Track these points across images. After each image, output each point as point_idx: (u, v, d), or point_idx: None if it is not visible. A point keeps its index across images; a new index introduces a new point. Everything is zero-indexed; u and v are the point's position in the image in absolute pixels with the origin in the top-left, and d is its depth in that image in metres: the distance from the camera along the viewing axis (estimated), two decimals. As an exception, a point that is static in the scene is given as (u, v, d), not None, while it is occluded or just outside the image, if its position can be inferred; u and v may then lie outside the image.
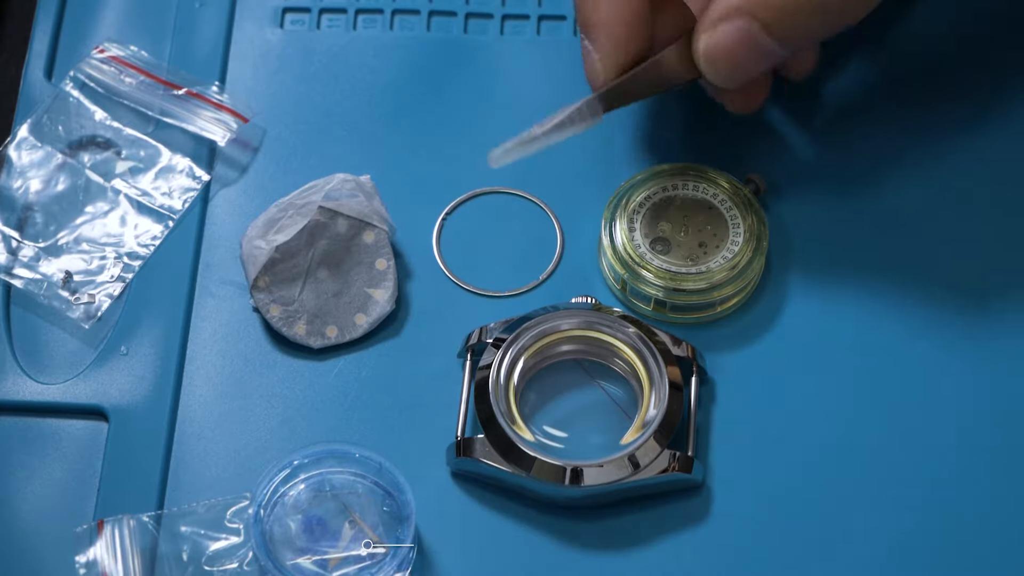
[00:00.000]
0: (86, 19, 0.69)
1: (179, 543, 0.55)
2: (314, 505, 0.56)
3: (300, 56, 0.68)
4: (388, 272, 0.61)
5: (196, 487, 0.57)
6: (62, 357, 0.61)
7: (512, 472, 0.55)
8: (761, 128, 0.65)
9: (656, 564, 0.56)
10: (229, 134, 0.64)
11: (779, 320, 0.60)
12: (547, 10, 0.69)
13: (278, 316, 0.60)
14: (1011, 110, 0.65)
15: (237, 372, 0.60)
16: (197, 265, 0.63)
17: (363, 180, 0.62)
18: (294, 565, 0.54)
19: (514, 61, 0.67)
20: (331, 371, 0.60)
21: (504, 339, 0.58)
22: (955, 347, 0.59)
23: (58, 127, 0.65)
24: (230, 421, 0.59)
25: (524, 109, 0.65)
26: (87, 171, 0.64)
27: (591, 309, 0.59)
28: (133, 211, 0.64)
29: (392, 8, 0.69)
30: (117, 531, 0.55)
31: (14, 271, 0.62)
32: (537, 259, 0.63)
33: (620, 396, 0.59)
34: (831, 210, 0.63)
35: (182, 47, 0.67)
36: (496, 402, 0.56)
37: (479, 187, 0.64)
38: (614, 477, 0.55)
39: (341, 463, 0.56)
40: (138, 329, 0.61)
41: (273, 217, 0.61)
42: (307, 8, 0.69)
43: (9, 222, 0.63)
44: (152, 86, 0.65)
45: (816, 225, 0.63)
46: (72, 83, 0.66)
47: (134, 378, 0.60)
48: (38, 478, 0.58)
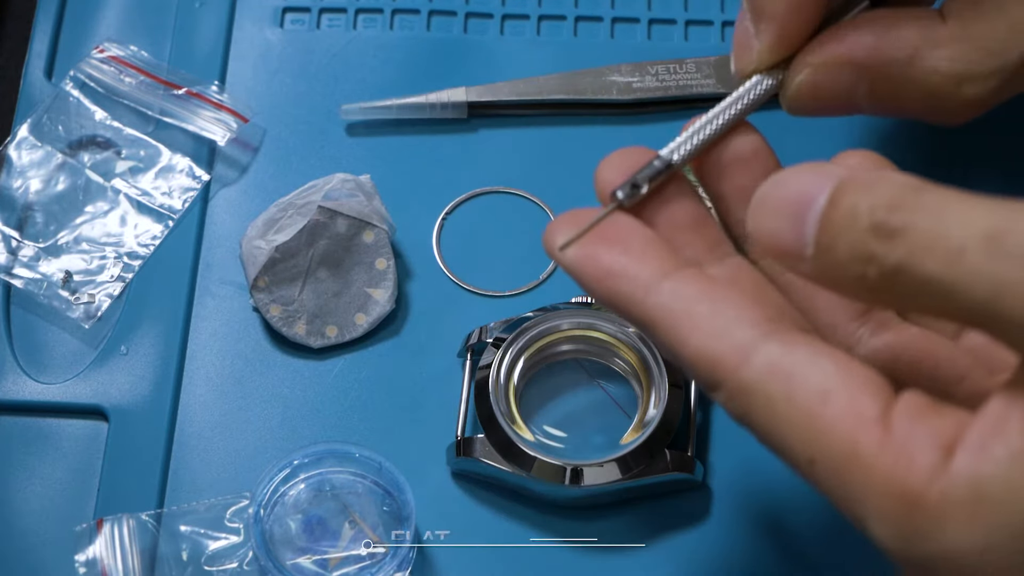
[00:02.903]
0: (86, 19, 0.69)
1: (179, 542, 0.55)
2: (314, 505, 0.56)
3: (300, 56, 0.68)
4: (388, 272, 0.61)
5: (196, 487, 0.57)
6: (62, 357, 0.61)
7: (512, 472, 0.55)
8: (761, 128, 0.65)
9: (656, 564, 0.56)
10: (229, 134, 0.64)
11: (779, 320, 0.60)
12: (547, 10, 0.69)
13: (278, 316, 0.60)
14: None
15: (237, 372, 0.60)
16: (197, 265, 0.63)
17: (363, 180, 0.62)
18: (294, 565, 0.54)
19: (514, 61, 0.67)
20: (331, 371, 0.60)
21: (504, 339, 0.58)
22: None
23: (58, 127, 0.65)
24: (230, 421, 0.59)
25: (524, 109, 0.66)
26: (87, 171, 0.64)
27: (591, 309, 0.59)
28: (133, 211, 0.64)
29: (392, 8, 0.69)
30: (117, 530, 0.55)
31: (14, 271, 0.62)
32: (537, 259, 0.63)
33: (620, 396, 0.59)
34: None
35: (182, 47, 0.67)
36: (496, 402, 0.56)
37: (479, 187, 0.64)
38: (614, 477, 0.55)
39: (341, 463, 0.56)
40: (138, 329, 0.61)
41: (273, 217, 0.61)
42: (307, 8, 0.69)
43: (9, 222, 0.63)
44: (152, 86, 0.65)
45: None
46: (72, 83, 0.66)
47: (134, 378, 0.60)
48: (38, 478, 0.58)
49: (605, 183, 0.43)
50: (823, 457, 0.36)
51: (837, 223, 0.36)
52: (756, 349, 0.38)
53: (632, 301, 0.40)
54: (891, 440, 0.35)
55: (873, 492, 0.36)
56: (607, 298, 0.40)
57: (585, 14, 0.69)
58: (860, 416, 0.36)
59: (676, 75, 0.66)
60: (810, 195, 0.37)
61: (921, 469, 0.35)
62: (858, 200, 0.36)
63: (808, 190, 0.37)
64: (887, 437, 0.36)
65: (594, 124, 0.66)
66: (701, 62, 0.66)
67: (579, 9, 0.69)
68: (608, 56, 0.67)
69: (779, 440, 0.37)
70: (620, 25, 0.69)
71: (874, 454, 0.35)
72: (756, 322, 0.38)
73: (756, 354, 0.37)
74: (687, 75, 0.66)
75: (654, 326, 0.39)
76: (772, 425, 0.37)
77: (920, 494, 0.35)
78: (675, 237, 0.43)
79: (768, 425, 0.38)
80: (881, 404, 0.36)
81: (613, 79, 0.66)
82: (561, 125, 0.66)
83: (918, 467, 0.35)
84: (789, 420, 0.37)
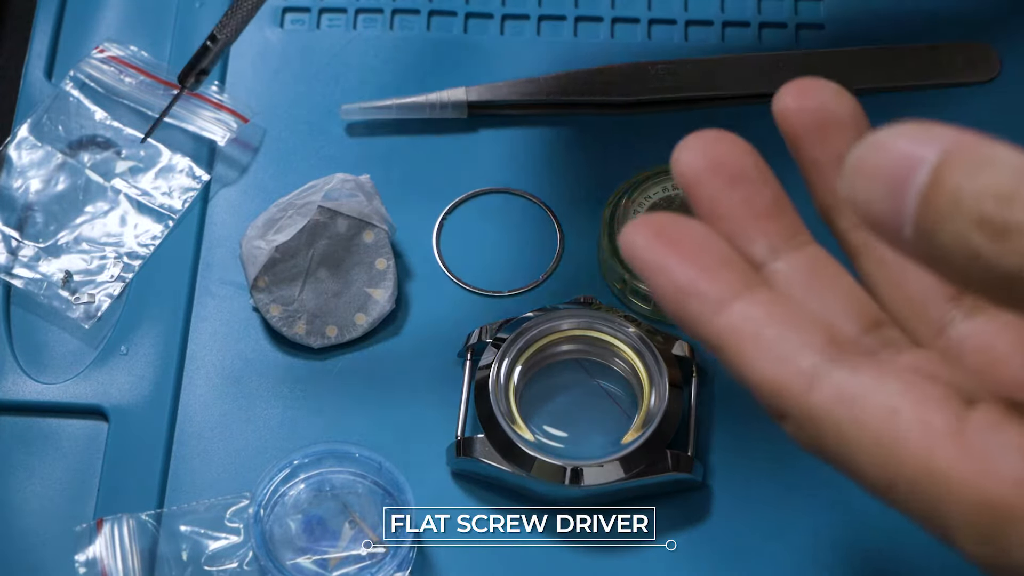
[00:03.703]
0: (86, 19, 0.69)
1: (179, 542, 0.55)
2: (314, 505, 0.56)
3: (300, 56, 0.68)
4: (388, 272, 0.61)
5: (196, 487, 0.57)
6: (62, 357, 0.61)
7: (512, 472, 0.55)
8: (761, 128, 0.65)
9: (656, 564, 0.56)
10: (229, 134, 0.64)
11: (779, 320, 0.60)
12: (547, 10, 0.69)
13: (278, 316, 0.60)
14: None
15: (237, 372, 0.60)
16: (197, 265, 0.63)
17: (363, 180, 0.62)
18: (294, 565, 0.54)
19: (514, 61, 0.67)
20: (331, 371, 0.60)
21: (504, 339, 0.58)
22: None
23: (58, 127, 0.65)
24: (230, 421, 0.59)
25: (524, 109, 0.65)
26: (87, 171, 0.64)
27: (591, 309, 0.59)
28: (133, 211, 0.64)
29: (392, 8, 0.69)
30: (117, 530, 0.55)
31: (14, 271, 0.62)
32: (537, 259, 0.63)
33: (620, 396, 0.59)
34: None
35: (182, 47, 0.67)
36: (496, 402, 0.56)
37: (479, 187, 0.64)
38: (614, 477, 0.55)
39: (341, 463, 0.56)
40: (138, 329, 0.61)
41: (273, 217, 0.61)
42: (307, 8, 0.69)
43: (9, 222, 0.63)
44: (152, 86, 0.65)
45: (816, 224, 0.63)
46: (72, 83, 0.66)
47: (134, 378, 0.60)
48: (38, 478, 0.58)
49: (686, 166, 0.41)
50: (900, 478, 0.35)
51: (939, 207, 0.31)
52: (821, 376, 0.36)
53: (700, 321, 0.38)
54: (969, 451, 0.34)
55: (956, 506, 0.34)
56: (676, 315, 0.38)
57: (585, 14, 0.69)
58: (932, 430, 0.34)
59: (676, 75, 0.66)
60: (910, 165, 0.32)
61: (1005, 477, 0.33)
62: (963, 182, 0.31)
63: (908, 159, 0.32)
64: (963, 449, 0.34)
65: (594, 124, 0.66)
66: (700, 62, 0.66)
67: (579, 9, 0.69)
68: (608, 56, 0.67)
69: (855, 468, 0.36)
70: (620, 25, 0.69)
71: (952, 467, 0.34)
72: (822, 347, 0.36)
73: (822, 381, 0.36)
74: (687, 75, 0.66)
75: (721, 349, 0.37)
76: (845, 453, 0.36)
77: (1008, 503, 0.33)
78: (752, 225, 0.41)
79: (841, 453, 0.36)
80: (953, 418, 0.35)
81: (613, 79, 0.66)
82: (561, 125, 0.66)
83: (1002, 476, 0.33)
84: (860, 445, 0.35)
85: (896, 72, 0.66)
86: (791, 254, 0.41)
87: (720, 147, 0.42)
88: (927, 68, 0.67)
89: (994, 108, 0.65)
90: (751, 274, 0.38)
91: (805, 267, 0.41)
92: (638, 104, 0.66)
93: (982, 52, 0.67)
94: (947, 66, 0.67)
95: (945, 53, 0.67)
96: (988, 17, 0.68)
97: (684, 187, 0.41)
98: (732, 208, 0.41)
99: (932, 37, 0.67)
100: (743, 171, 0.41)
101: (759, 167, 0.42)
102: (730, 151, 0.42)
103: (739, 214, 0.41)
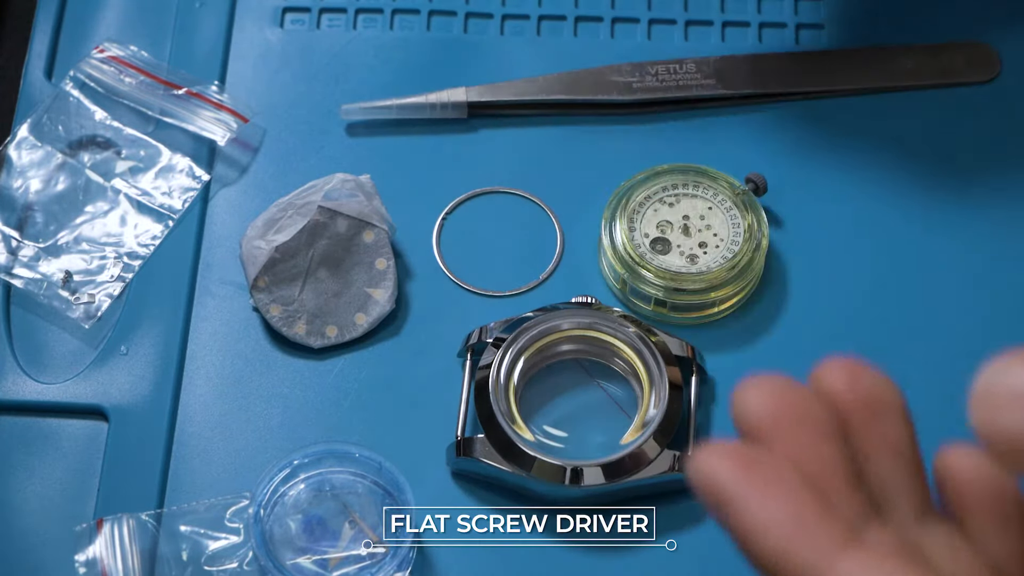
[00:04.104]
0: (86, 19, 0.69)
1: (179, 542, 0.55)
2: (314, 505, 0.56)
3: (300, 56, 0.68)
4: (388, 272, 0.61)
5: (196, 487, 0.57)
6: (62, 357, 0.61)
7: (512, 472, 0.55)
8: (761, 128, 0.65)
9: (657, 564, 0.56)
10: (229, 134, 0.64)
11: (779, 320, 0.60)
12: (547, 10, 0.69)
13: (278, 316, 0.60)
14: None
15: (237, 372, 0.60)
16: (197, 265, 0.63)
17: (363, 180, 0.62)
18: (294, 565, 0.54)
19: (514, 61, 0.67)
20: (331, 371, 0.60)
21: (504, 339, 0.58)
22: (957, 343, 0.59)
23: (58, 127, 0.65)
24: (230, 421, 0.59)
25: (524, 109, 0.65)
26: (87, 171, 0.64)
27: (591, 309, 0.59)
28: (133, 211, 0.64)
29: (392, 8, 0.69)
30: (117, 530, 0.55)
31: (14, 271, 0.62)
32: (537, 259, 0.63)
33: (620, 396, 0.59)
34: (831, 210, 0.63)
35: (182, 47, 0.67)
36: (496, 402, 0.56)
37: (479, 187, 0.64)
38: (614, 477, 0.55)
39: (341, 463, 0.56)
40: (138, 329, 0.61)
41: (273, 217, 0.61)
42: (307, 8, 0.69)
43: (9, 222, 0.63)
44: (152, 86, 0.65)
45: (816, 225, 0.63)
46: (72, 83, 0.66)
47: (134, 378, 0.60)
48: (38, 478, 0.58)
49: (752, 414, 0.35)
50: None
51: None
52: None
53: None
54: None
55: None
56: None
57: (585, 14, 0.69)
58: None
59: (676, 75, 0.66)
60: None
61: None
62: None
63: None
64: None
65: (594, 124, 0.66)
66: (701, 62, 0.66)
67: (579, 9, 0.69)
68: (608, 56, 0.67)
69: None
70: (620, 25, 0.69)
71: None
72: None
73: None
74: (687, 75, 0.66)
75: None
76: None
77: None
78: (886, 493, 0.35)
79: None
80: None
81: (613, 79, 0.66)
82: (561, 125, 0.66)
83: None
84: None
85: (896, 72, 0.66)
86: (923, 534, 0.35)
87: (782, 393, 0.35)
88: (927, 68, 0.67)
89: (994, 108, 0.65)
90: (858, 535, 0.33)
91: (942, 552, 0.34)
92: (638, 104, 0.66)
93: (982, 52, 0.67)
94: (947, 66, 0.67)
95: (945, 53, 0.67)
96: (988, 17, 0.68)
97: (746, 434, 0.35)
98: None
99: (932, 37, 0.68)
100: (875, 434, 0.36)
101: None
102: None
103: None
